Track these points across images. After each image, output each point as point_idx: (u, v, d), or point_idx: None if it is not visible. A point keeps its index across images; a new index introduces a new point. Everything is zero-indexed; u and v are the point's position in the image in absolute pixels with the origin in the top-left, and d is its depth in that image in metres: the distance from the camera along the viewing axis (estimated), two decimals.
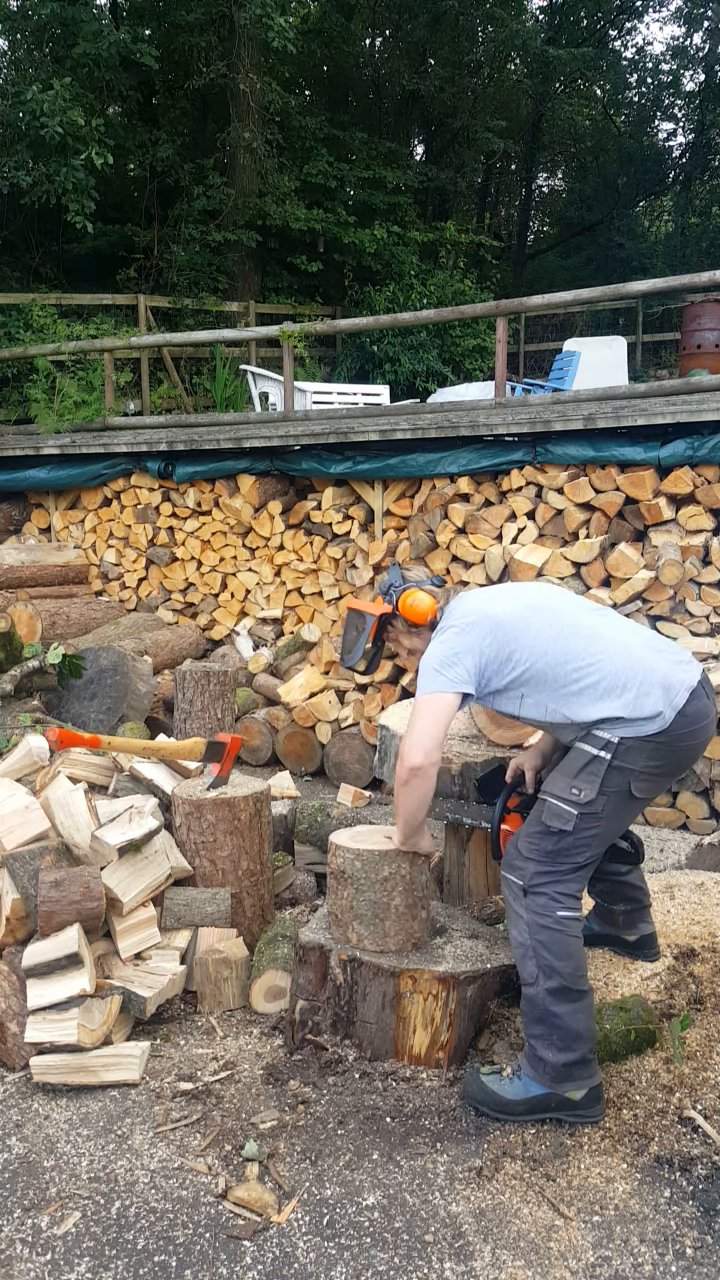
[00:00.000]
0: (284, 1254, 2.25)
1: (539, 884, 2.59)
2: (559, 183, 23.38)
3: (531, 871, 2.60)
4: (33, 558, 7.37)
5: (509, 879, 2.66)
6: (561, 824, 2.56)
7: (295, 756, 5.96)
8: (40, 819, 3.37)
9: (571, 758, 2.60)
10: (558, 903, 2.58)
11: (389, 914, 2.88)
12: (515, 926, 2.63)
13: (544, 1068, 2.57)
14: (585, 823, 2.55)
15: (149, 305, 12.06)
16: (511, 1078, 2.64)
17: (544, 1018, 2.56)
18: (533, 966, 2.58)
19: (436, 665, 2.63)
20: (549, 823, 2.58)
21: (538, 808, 2.65)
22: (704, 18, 18.25)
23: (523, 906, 2.60)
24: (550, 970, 2.55)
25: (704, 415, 5.42)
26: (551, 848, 2.58)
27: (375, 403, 10.07)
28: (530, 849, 2.61)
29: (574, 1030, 2.56)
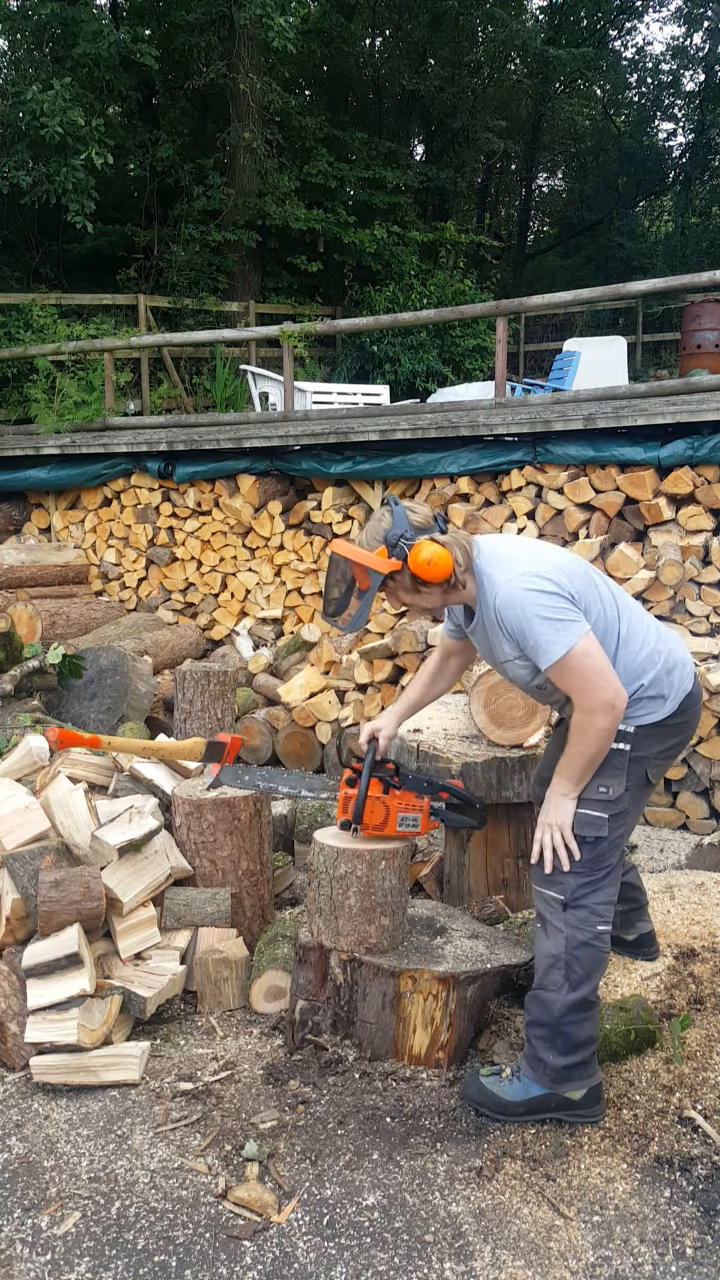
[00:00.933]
0: (284, 1254, 2.24)
1: (581, 896, 2.53)
2: (559, 183, 23.39)
3: (574, 885, 2.53)
4: (33, 558, 7.37)
5: (546, 894, 2.57)
6: (596, 831, 2.51)
7: (295, 756, 5.96)
8: (40, 819, 3.37)
9: None
10: (598, 916, 2.54)
11: (342, 912, 2.86)
12: (550, 939, 2.56)
13: (544, 1069, 2.57)
14: (615, 823, 2.53)
15: (149, 305, 12.06)
16: (511, 1079, 2.63)
17: (555, 1024, 2.54)
18: (559, 977, 2.54)
19: (549, 615, 2.40)
20: (583, 833, 2.51)
21: None
22: (704, 18, 18.25)
23: (562, 921, 2.54)
24: (578, 984, 2.52)
25: (704, 415, 5.43)
26: (589, 856, 2.52)
27: (375, 403, 10.07)
28: (567, 862, 2.55)
29: (581, 1038, 2.55)
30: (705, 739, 4.84)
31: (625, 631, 2.54)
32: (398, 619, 6.13)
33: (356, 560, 2.54)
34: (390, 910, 2.88)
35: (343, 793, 2.90)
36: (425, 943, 3.00)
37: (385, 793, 2.92)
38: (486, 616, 2.55)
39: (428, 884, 3.90)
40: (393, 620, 6.13)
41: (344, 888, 2.84)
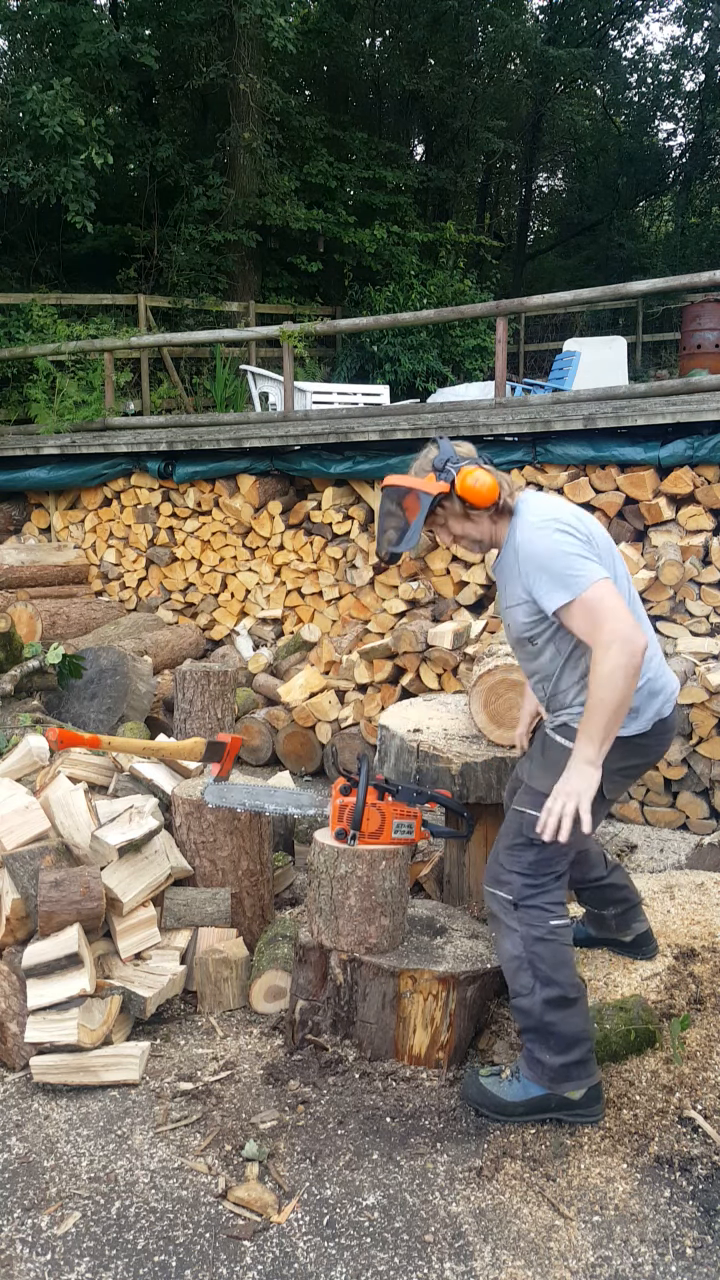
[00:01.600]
0: (284, 1254, 2.24)
1: (529, 896, 2.56)
2: (559, 183, 23.40)
3: (519, 885, 2.57)
4: (33, 558, 7.37)
5: (496, 894, 2.61)
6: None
7: (295, 756, 5.96)
8: (40, 819, 3.37)
9: (551, 756, 2.56)
10: (549, 912, 2.56)
11: (343, 912, 2.86)
12: (507, 940, 2.59)
13: (542, 1070, 2.57)
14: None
15: (149, 305, 12.06)
16: (510, 1079, 2.63)
17: (540, 1026, 2.55)
18: (528, 978, 2.55)
19: (573, 552, 2.38)
20: (529, 835, 2.54)
21: (514, 819, 2.61)
22: (704, 18, 18.25)
23: (515, 920, 2.57)
24: (547, 980, 2.53)
25: (704, 415, 5.42)
26: (534, 858, 2.55)
27: (375, 403, 10.07)
28: (513, 862, 2.58)
29: (571, 1034, 2.55)
30: (705, 739, 4.84)
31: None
32: (398, 619, 6.14)
33: (406, 484, 2.55)
34: (390, 910, 2.88)
35: (337, 801, 2.90)
36: (425, 943, 3.00)
37: (380, 799, 2.93)
38: (506, 555, 2.56)
39: (428, 884, 3.90)
40: (393, 620, 6.13)
41: (344, 888, 2.84)
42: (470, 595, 5.91)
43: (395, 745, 3.71)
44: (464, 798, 3.48)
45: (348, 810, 2.86)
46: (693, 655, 5.11)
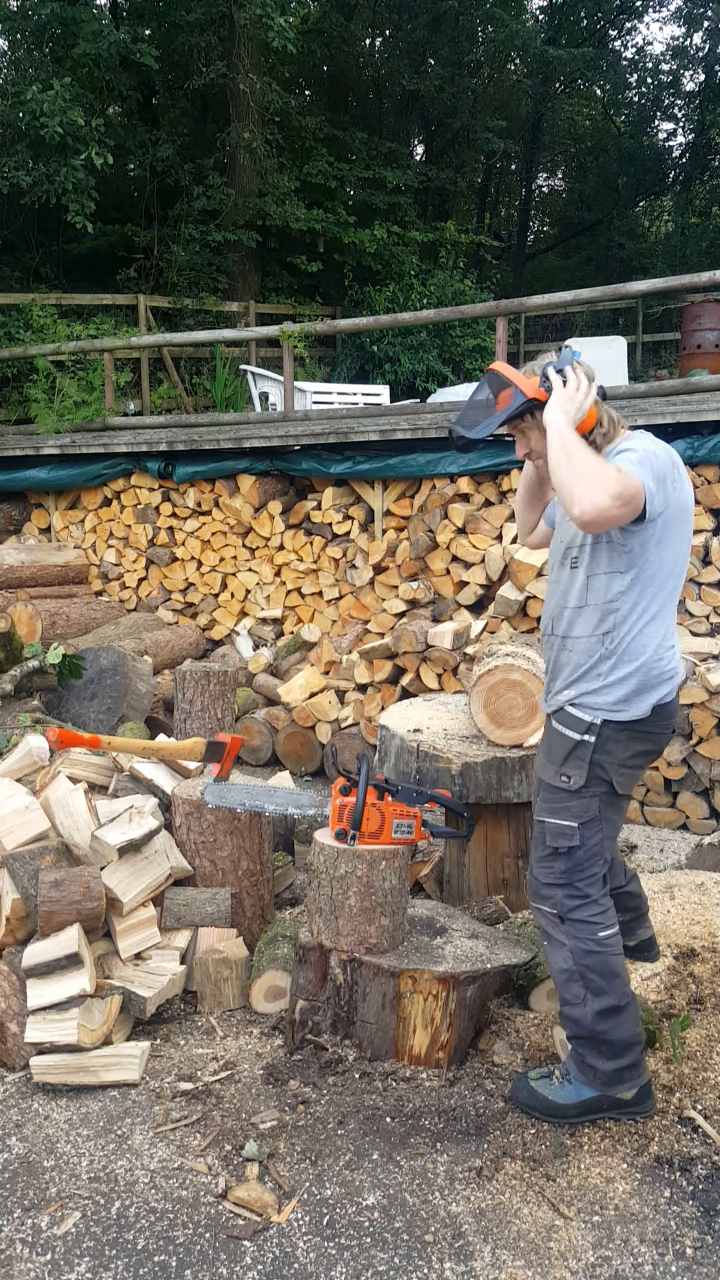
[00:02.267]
0: (284, 1254, 2.24)
1: (573, 908, 2.53)
2: (559, 183, 23.40)
3: (561, 898, 2.54)
4: (33, 558, 7.37)
5: (542, 910, 2.59)
6: (569, 841, 2.52)
7: (295, 756, 5.96)
8: (40, 819, 3.37)
9: (553, 744, 2.56)
10: (596, 924, 2.53)
11: (343, 912, 2.86)
12: (557, 953, 2.57)
13: (594, 1074, 2.56)
14: (589, 832, 2.52)
15: (149, 305, 12.06)
16: (562, 1082, 2.62)
17: (592, 1035, 2.54)
18: (579, 989, 2.53)
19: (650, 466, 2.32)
20: (556, 844, 2.53)
21: (538, 831, 2.60)
22: (704, 18, 18.24)
23: (563, 934, 2.55)
24: (599, 991, 2.52)
25: (704, 415, 5.43)
26: (565, 866, 2.53)
27: (375, 403, 10.07)
28: (547, 874, 2.56)
29: (623, 1040, 2.55)
30: (705, 739, 4.84)
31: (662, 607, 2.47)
32: (398, 619, 6.14)
33: (508, 377, 2.45)
34: (390, 910, 2.88)
35: (337, 801, 2.90)
36: (425, 943, 3.00)
37: (380, 799, 2.92)
38: None
39: (428, 884, 3.90)
40: (393, 620, 6.13)
41: (344, 888, 2.84)
42: (470, 595, 5.91)
43: (395, 745, 3.71)
44: (464, 798, 3.49)
45: (348, 810, 2.86)
46: (693, 655, 5.11)
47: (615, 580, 2.45)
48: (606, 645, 2.48)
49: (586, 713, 2.50)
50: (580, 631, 2.52)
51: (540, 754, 2.66)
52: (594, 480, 2.25)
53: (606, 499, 2.24)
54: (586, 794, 2.51)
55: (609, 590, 2.46)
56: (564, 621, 2.56)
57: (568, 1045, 2.67)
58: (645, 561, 2.43)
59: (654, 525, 2.39)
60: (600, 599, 2.48)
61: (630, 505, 2.29)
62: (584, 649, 2.51)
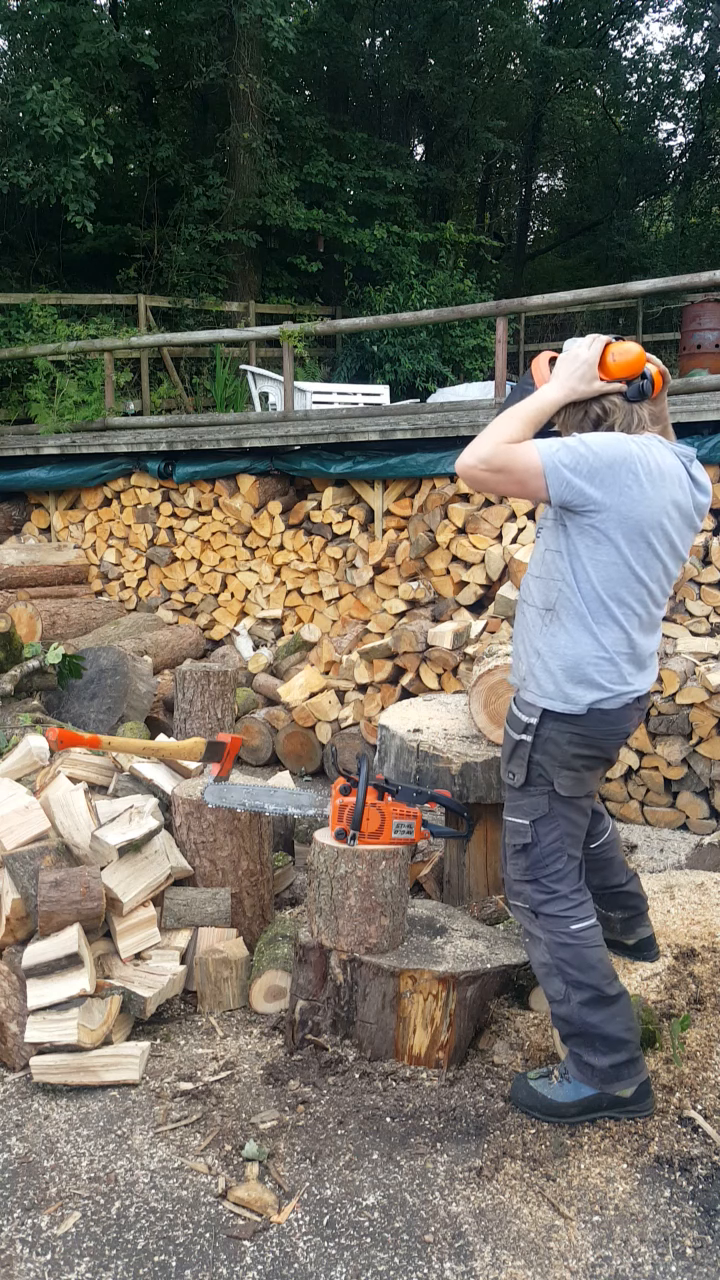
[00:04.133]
0: (284, 1254, 2.24)
1: (542, 902, 2.57)
2: (559, 183, 23.40)
3: (530, 892, 2.59)
4: (33, 558, 7.37)
5: (516, 906, 2.64)
6: (523, 839, 2.56)
7: (295, 756, 5.96)
8: (40, 819, 3.37)
9: (505, 741, 2.61)
10: (568, 917, 2.55)
11: (343, 912, 2.86)
12: (535, 949, 2.61)
13: (592, 1072, 2.57)
14: (544, 829, 2.54)
15: (149, 305, 12.06)
16: (560, 1081, 2.62)
17: (582, 1030, 2.55)
18: (559, 983, 2.55)
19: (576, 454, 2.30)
20: (513, 842, 2.59)
21: (505, 828, 2.63)
22: (704, 18, 18.23)
23: (537, 928, 2.58)
24: (578, 984, 2.53)
25: (704, 415, 5.43)
26: (527, 862, 2.57)
27: (375, 403, 10.07)
28: (516, 870, 2.61)
29: (615, 1035, 2.55)
30: (705, 739, 4.84)
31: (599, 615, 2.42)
32: (398, 619, 6.14)
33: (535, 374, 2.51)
34: (390, 910, 2.88)
35: (337, 801, 2.90)
36: (425, 943, 3.00)
37: (380, 798, 2.92)
38: None
39: (428, 884, 3.90)
40: (393, 620, 6.13)
41: (344, 888, 2.84)
42: (470, 595, 5.91)
43: (395, 745, 3.71)
44: (464, 798, 3.49)
45: (348, 810, 2.86)
46: (693, 655, 5.11)
47: (558, 560, 2.45)
48: (546, 622, 2.48)
49: (526, 710, 2.52)
50: (534, 601, 2.53)
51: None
52: (483, 437, 2.32)
53: (473, 457, 2.29)
54: (534, 791, 2.54)
55: (555, 567, 2.46)
56: (525, 586, 2.60)
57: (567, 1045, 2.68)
58: (576, 554, 2.40)
59: (582, 516, 2.35)
60: (548, 572, 2.48)
61: (506, 475, 2.29)
62: (533, 618, 2.52)
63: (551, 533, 2.48)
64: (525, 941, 2.67)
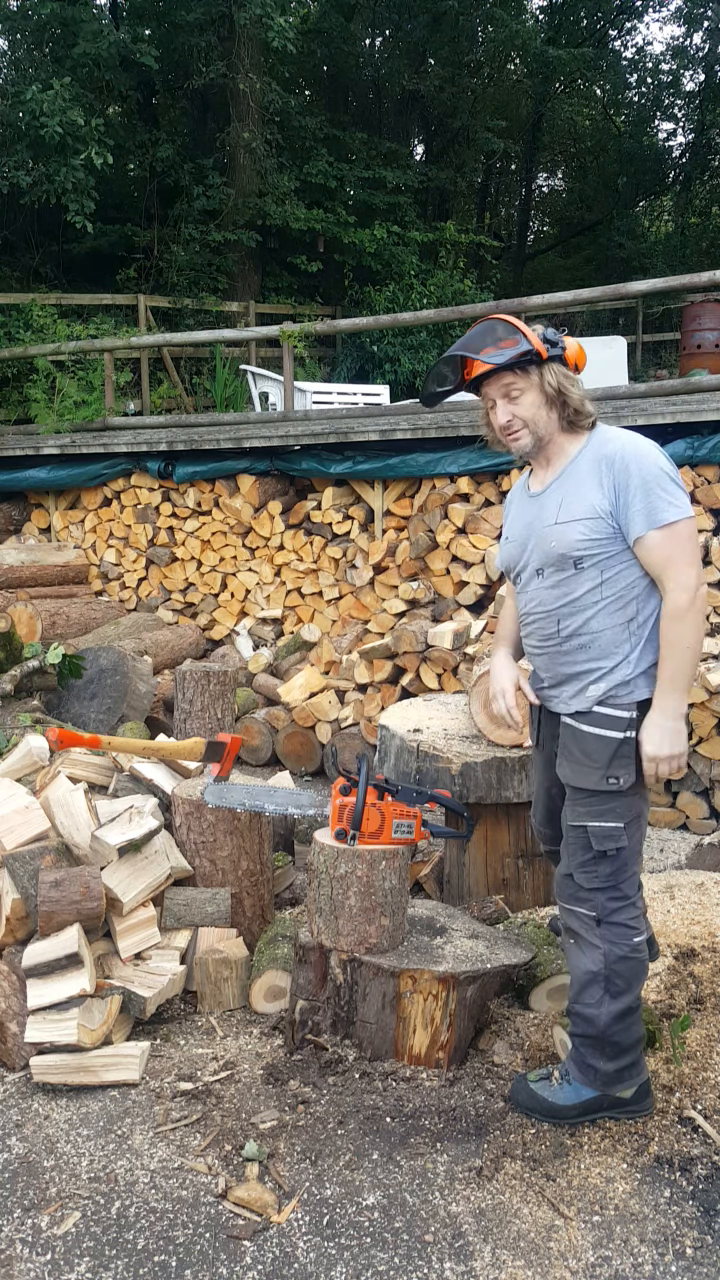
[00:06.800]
0: (284, 1254, 2.24)
1: (613, 911, 2.51)
2: (559, 183, 23.41)
3: (602, 901, 2.51)
4: (33, 558, 7.37)
5: (577, 911, 2.55)
6: (615, 843, 2.48)
7: (295, 756, 5.96)
8: (40, 819, 3.37)
9: (587, 747, 2.49)
10: (633, 929, 2.52)
11: (343, 912, 2.86)
12: (587, 955, 2.54)
13: (595, 1075, 2.56)
14: (632, 830, 2.50)
15: (149, 305, 12.06)
16: (561, 1083, 2.61)
17: (601, 1036, 2.53)
18: (599, 992, 2.52)
19: (674, 480, 2.39)
20: (603, 848, 2.48)
21: (578, 837, 2.53)
22: (704, 18, 18.25)
23: (598, 937, 2.52)
24: (619, 994, 2.51)
25: (704, 415, 5.42)
26: (611, 870, 2.50)
27: (375, 403, 10.07)
28: (590, 879, 2.52)
29: (628, 1042, 2.55)
30: (705, 739, 4.84)
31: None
32: (398, 619, 6.14)
33: (517, 325, 2.48)
34: (390, 910, 2.88)
35: (337, 801, 2.90)
36: (425, 943, 3.00)
37: (380, 798, 2.92)
38: (582, 465, 2.49)
39: (428, 884, 3.90)
40: (393, 620, 6.13)
41: (344, 888, 2.84)
42: (470, 595, 5.91)
43: (395, 745, 3.72)
44: (464, 798, 3.49)
45: (348, 810, 2.86)
46: None
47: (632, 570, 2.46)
48: (633, 631, 2.46)
49: (622, 709, 2.46)
50: (603, 625, 2.47)
51: (567, 764, 2.56)
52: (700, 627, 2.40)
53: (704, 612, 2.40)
54: (632, 792, 2.48)
55: (622, 582, 2.46)
56: (564, 622, 2.52)
57: (568, 1045, 2.67)
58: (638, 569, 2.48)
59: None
60: (612, 587, 2.46)
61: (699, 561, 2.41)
62: (607, 641, 2.47)
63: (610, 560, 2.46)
64: (569, 945, 2.60)
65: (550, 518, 2.52)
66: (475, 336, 2.51)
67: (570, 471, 2.51)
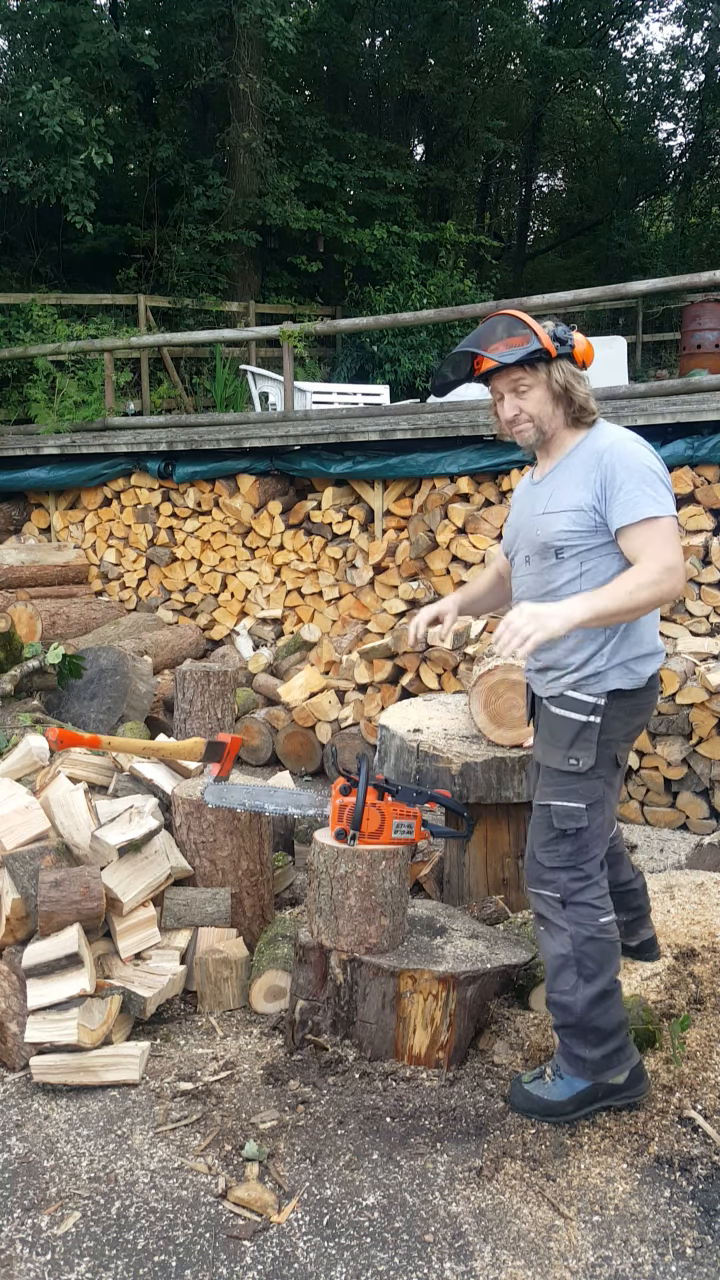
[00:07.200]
0: (284, 1254, 2.24)
1: (576, 891, 2.54)
2: (559, 183, 23.42)
3: (565, 881, 2.54)
4: (33, 558, 7.37)
5: (543, 894, 2.59)
6: (576, 823, 2.52)
7: (295, 756, 5.96)
8: (40, 819, 3.37)
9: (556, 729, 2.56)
10: (598, 909, 2.54)
11: (343, 912, 2.86)
12: (555, 939, 2.56)
13: (584, 1065, 2.57)
14: (594, 813, 2.54)
15: (149, 305, 12.06)
16: (554, 1079, 2.62)
17: (579, 1022, 2.54)
18: (572, 977, 2.53)
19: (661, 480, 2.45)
20: (563, 827, 2.53)
21: (542, 815, 2.59)
22: (704, 18, 18.25)
23: (564, 919, 2.55)
24: (592, 977, 2.52)
25: (704, 415, 5.42)
26: (571, 849, 2.54)
27: (375, 403, 10.07)
28: (552, 858, 2.56)
29: (610, 1026, 2.56)
30: (705, 739, 4.84)
31: None
32: (398, 619, 6.14)
33: (525, 321, 2.51)
34: (390, 910, 2.88)
35: (337, 801, 2.90)
36: (425, 943, 3.00)
37: (380, 798, 2.92)
38: (575, 459, 2.55)
39: (428, 884, 3.90)
40: (393, 620, 6.13)
41: (344, 888, 2.84)
42: None
43: (395, 745, 3.71)
44: (464, 798, 3.49)
45: (348, 810, 2.86)
46: (693, 655, 5.11)
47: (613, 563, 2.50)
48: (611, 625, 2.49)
49: (589, 695, 2.52)
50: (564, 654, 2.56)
51: (540, 740, 2.67)
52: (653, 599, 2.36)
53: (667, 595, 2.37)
54: (593, 775, 2.53)
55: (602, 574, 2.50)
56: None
57: None
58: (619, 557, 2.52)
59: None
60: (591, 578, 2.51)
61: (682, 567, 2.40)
62: (584, 633, 2.50)
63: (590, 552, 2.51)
64: (540, 932, 2.63)
65: (540, 507, 2.60)
66: (486, 331, 2.56)
67: (565, 464, 2.58)
